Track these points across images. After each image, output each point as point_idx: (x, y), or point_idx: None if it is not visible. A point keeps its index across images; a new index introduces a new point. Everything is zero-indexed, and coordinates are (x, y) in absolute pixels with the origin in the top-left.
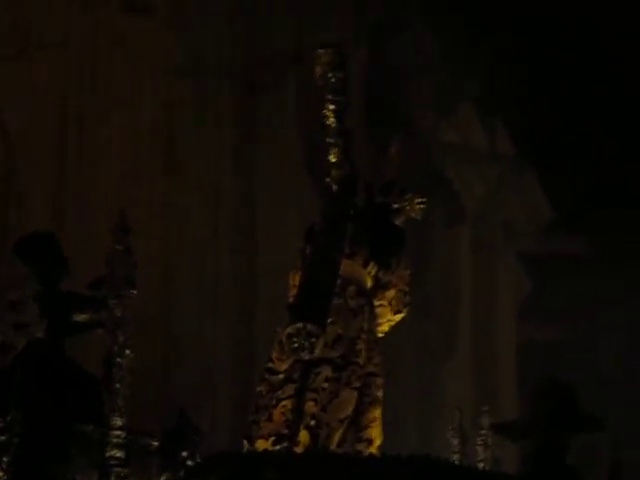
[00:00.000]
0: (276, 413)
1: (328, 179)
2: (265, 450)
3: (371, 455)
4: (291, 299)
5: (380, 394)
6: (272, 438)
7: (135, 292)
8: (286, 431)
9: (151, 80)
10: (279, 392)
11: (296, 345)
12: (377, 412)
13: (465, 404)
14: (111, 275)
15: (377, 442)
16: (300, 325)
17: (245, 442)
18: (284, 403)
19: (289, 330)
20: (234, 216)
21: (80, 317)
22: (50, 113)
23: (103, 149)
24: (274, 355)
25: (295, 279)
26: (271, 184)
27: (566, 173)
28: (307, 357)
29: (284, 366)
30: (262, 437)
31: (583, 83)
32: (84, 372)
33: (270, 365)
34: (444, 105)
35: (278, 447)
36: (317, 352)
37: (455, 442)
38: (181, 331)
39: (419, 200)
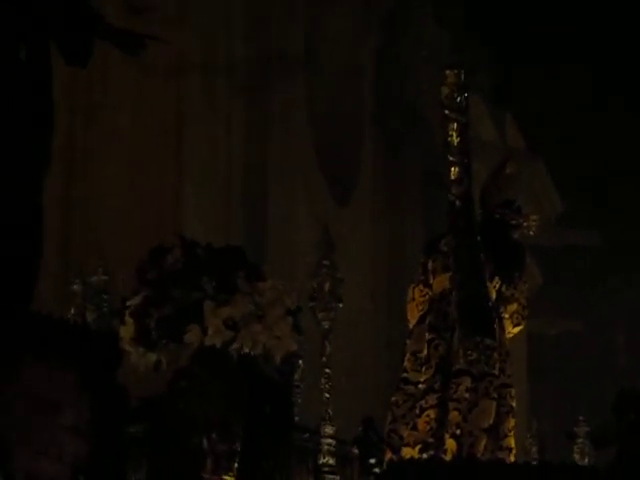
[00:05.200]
0: (420, 422)
1: (450, 196)
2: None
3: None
4: (412, 312)
5: (514, 404)
6: (419, 446)
7: (341, 305)
8: (432, 439)
9: (160, 78)
10: (422, 402)
11: (473, 358)
12: (513, 421)
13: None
14: (318, 289)
15: (514, 450)
16: (477, 339)
17: (387, 450)
18: (428, 412)
19: (466, 344)
20: (245, 213)
21: None
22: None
23: (111, 149)
24: (408, 366)
25: (415, 292)
26: (282, 182)
27: (576, 165)
28: (486, 370)
29: (422, 377)
30: (408, 445)
31: (593, 74)
32: (275, 381)
33: (405, 375)
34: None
35: (425, 455)
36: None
37: (534, 449)
38: None
39: (535, 217)
